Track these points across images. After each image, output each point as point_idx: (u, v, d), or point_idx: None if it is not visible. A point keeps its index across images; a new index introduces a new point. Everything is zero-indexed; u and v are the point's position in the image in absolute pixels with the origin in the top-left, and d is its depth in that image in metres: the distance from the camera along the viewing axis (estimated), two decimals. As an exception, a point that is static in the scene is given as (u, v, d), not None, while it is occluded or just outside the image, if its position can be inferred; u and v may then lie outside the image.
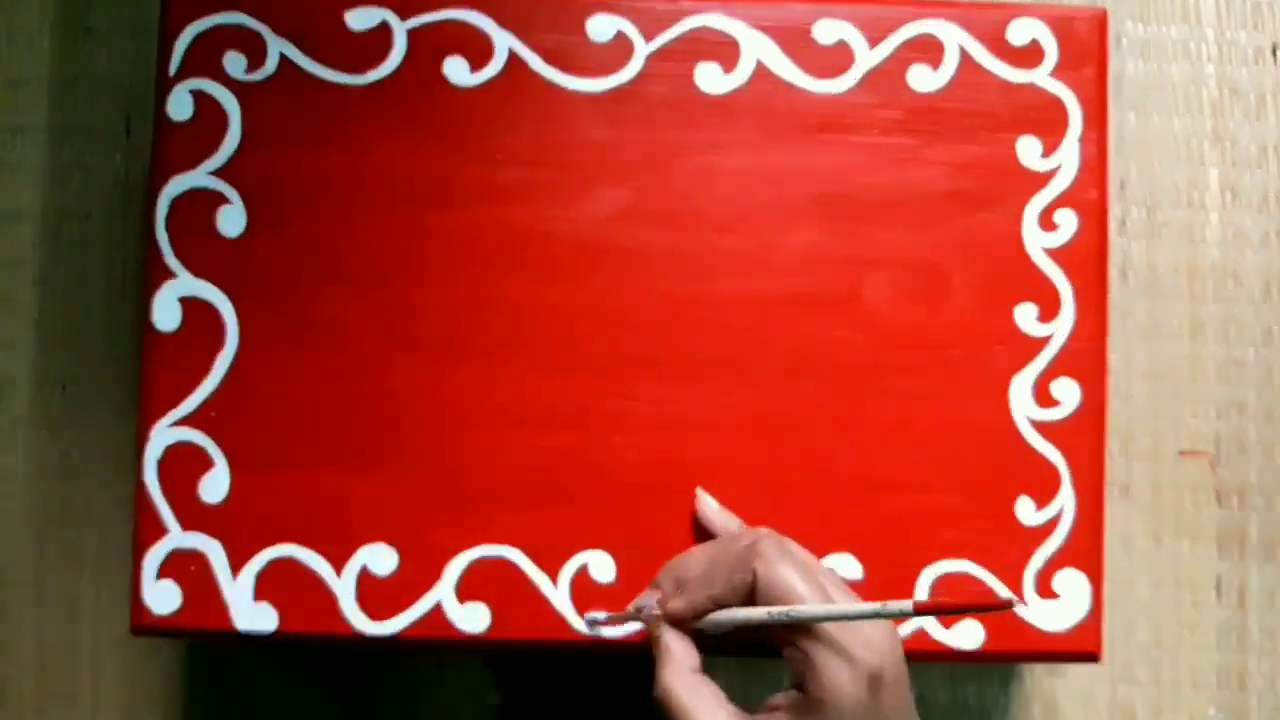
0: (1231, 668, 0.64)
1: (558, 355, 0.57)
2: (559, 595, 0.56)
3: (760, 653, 0.52)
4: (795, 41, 0.57)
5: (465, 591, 0.55)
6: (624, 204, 0.57)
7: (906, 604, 0.47)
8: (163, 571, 0.55)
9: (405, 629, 0.55)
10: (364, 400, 0.56)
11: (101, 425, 0.65)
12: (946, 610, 0.49)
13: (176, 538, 0.55)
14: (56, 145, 0.66)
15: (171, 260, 0.56)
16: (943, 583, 0.56)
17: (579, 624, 0.56)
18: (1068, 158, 0.57)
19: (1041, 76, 0.57)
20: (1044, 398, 0.57)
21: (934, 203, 0.57)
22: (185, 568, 0.55)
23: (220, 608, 0.55)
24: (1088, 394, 0.57)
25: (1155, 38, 0.66)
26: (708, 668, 0.52)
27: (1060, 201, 0.57)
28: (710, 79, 0.57)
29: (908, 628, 0.56)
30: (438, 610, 0.55)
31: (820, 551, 0.56)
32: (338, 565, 0.55)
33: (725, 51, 0.57)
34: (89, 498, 0.65)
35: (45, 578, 0.65)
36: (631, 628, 0.55)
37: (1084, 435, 0.57)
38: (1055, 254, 0.57)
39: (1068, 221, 0.57)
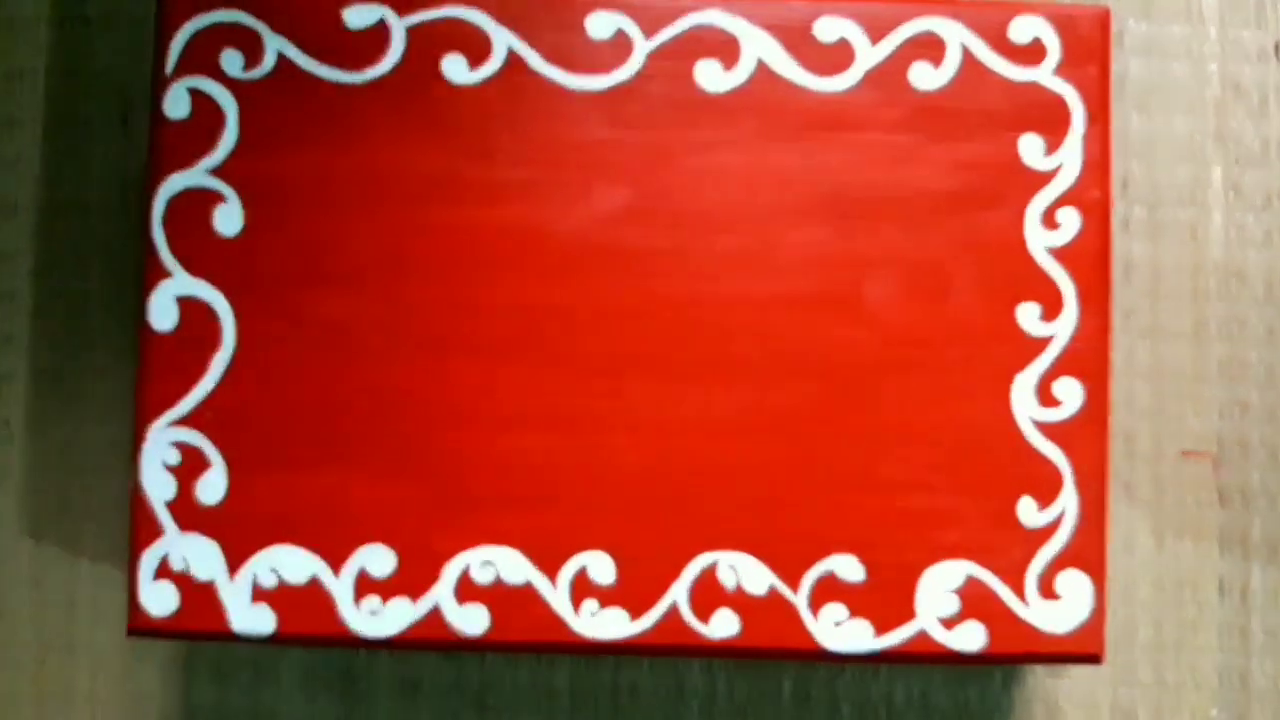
0: (1234, 669, 0.64)
1: (557, 355, 0.56)
2: (558, 597, 0.56)
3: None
4: (796, 39, 0.57)
5: (464, 593, 0.55)
6: (624, 202, 0.57)
7: None
8: (159, 573, 0.55)
9: (403, 631, 0.55)
10: (362, 400, 0.56)
11: (98, 419, 0.65)
12: None
13: (173, 539, 0.56)
14: (53, 137, 0.66)
15: (168, 259, 0.56)
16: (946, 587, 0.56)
17: (579, 625, 0.55)
18: (1070, 156, 0.57)
19: (1044, 74, 0.57)
20: (1046, 398, 0.56)
21: (935, 201, 0.57)
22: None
23: (217, 610, 0.55)
24: (1090, 394, 0.56)
25: (1158, 36, 0.66)
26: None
27: (1063, 200, 0.57)
28: (711, 77, 0.57)
29: (909, 630, 0.56)
30: (436, 612, 0.55)
31: (821, 552, 0.56)
32: (335, 566, 0.55)
33: (726, 49, 0.57)
34: (86, 492, 0.65)
35: (42, 573, 0.65)
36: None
37: (1087, 435, 0.56)
38: (1058, 253, 0.57)
39: (1070, 220, 0.57)
